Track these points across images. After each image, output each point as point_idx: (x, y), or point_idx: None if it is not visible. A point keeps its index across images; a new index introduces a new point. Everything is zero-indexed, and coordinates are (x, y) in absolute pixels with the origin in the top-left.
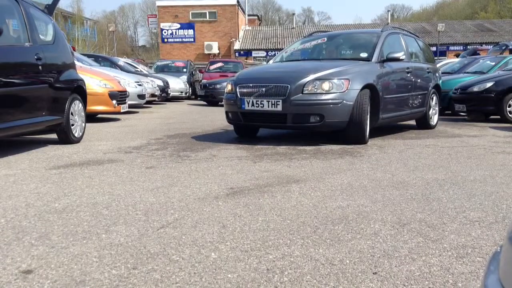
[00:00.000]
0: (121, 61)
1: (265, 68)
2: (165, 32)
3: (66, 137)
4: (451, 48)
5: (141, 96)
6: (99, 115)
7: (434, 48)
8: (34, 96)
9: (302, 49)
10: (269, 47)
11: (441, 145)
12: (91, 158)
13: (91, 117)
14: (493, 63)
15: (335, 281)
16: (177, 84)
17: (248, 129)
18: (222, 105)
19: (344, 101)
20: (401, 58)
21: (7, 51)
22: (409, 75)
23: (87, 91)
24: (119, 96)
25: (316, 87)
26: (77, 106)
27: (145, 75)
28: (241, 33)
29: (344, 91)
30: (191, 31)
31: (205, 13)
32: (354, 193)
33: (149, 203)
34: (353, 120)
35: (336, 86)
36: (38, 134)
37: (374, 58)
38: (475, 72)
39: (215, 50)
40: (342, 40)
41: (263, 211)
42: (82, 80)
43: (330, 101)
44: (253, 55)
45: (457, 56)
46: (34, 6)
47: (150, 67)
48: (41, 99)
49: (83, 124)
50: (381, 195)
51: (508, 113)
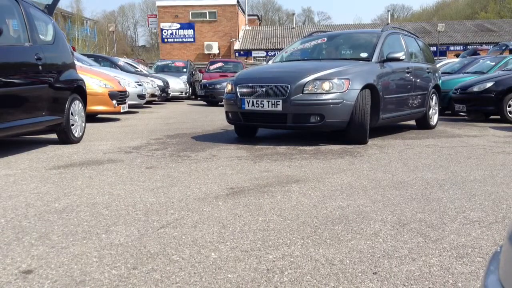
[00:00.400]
0: (121, 61)
1: (265, 68)
2: (165, 32)
3: (66, 137)
4: (451, 48)
5: (141, 96)
6: (99, 115)
7: (434, 48)
8: (34, 96)
9: (302, 49)
10: (269, 47)
11: (441, 145)
12: (91, 158)
13: (91, 117)
14: (493, 63)
15: (335, 281)
16: (177, 84)
17: (248, 129)
18: (222, 105)
19: (345, 101)
20: (401, 58)
21: (7, 51)
22: (409, 75)
23: (87, 91)
24: (119, 96)
25: (317, 87)
26: (77, 106)
27: (145, 75)
28: (241, 33)
29: (345, 91)
30: (191, 31)
31: (205, 13)
32: (354, 193)
33: (149, 203)
34: (355, 121)
35: (337, 86)
36: (38, 134)
37: (374, 58)
38: (475, 72)
39: (215, 50)
40: (342, 40)
41: (263, 211)
42: (82, 80)
43: (331, 101)
44: (253, 55)
45: (457, 56)
46: (34, 6)
47: (150, 67)
48: (41, 99)
49: (83, 124)
50: (381, 195)
51: (508, 113)
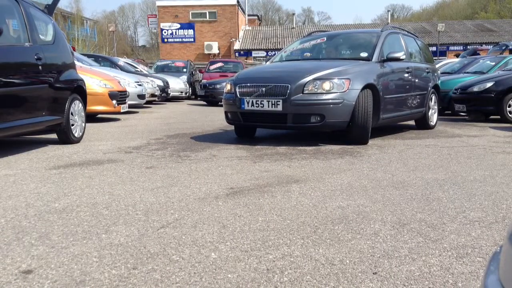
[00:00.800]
0: (121, 61)
1: (265, 68)
2: (165, 32)
3: (66, 137)
4: (451, 48)
5: (141, 96)
6: (99, 115)
7: (434, 48)
8: (34, 96)
9: (302, 49)
10: (269, 47)
11: (441, 145)
12: (91, 158)
13: (91, 117)
14: (493, 63)
15: (335, 281)
16: (177, 84)
17: (248, 129)
18: (222, 105)
19: (345, 101)
20: (402, 58)
21: (7, 51)
22: (409, 75)
23: (87, 91)
24: (119, 96)
25: (317, 87)
26: (77, 106)
27: (145, 75)
28: (241, 33)
29: (345, 91)
30: (191, 31)
31: (205, 13)
32: (354, 193)
33: (149, 203)
34: (357, 121)
35: (337, 86)
36: (38, 134)
37: (375, 58)
38: (475, 72)
39: (215, 50)
40: (342, 40)
41: (263, 211)
42: (82, 80)
43: (331, 101)
44: (253, 55)
45: (457, 56)
46: (34, 6)
47: (150, 67)
48: (41, 99)
49: (83, 124)
50: (381, 195)
51: (508, 113)
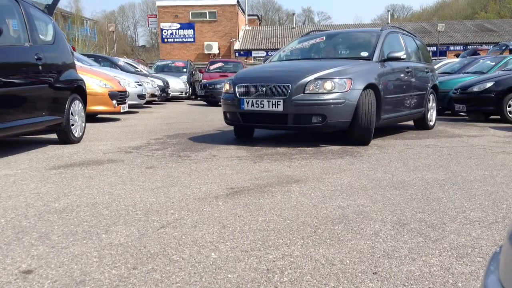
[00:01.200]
0: (121, 61)
1: (265, 68)
2: (165, 32)
3: (66, 137)
4: (451, 48)
5: (141, 96)
6: (99, 115)
7: (434, 48)
8: (34, 96)
9: (301, 48)
10: (269, 47)
11: (441, 145)
12: (91, 158)
13: (91, 117)
14: (493, 63)
15: (335, 281)
16: (177, 84)
17: (247, 130)
18: None
19: (347, 101)
20: (402, 58)
21: (7, 51)
22: (409, 75)
23: (87, 91)
24: (119, 96)
25: (318, 87)
26: (77, 106)
27: (145, 75)
28: (241, 33)
29: (347, 91)
30: (191, 31)
31: (205, 13)
32: (354, 193)
33: (149, 203)
34: (359, 121)
35: (339, 86)
36: (38, 134)
37: (375, 57)
38: (475, 72)
39: (215, 50)
40: (341, 39)
41: (263, 211)
42: (82, 80)
43: (333, 101)
44: (253, 55)
45: (457, 56)
46: (34, 6)
47: (150, 67)
48: (41, 99)
49: (83, 124)
50: (381, 195)
51: (508, 113)
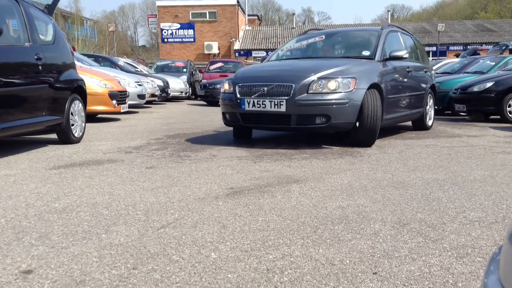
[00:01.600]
0: (121, 61)
1: (265, 67)
2: (165, 32)
3: (66, 137)
4: (451, 48)
5: (141, 96)
6: (99, 115)
7: (434, 48)
8: (34, 96)
9: (300, 47)
10: (269, 47)
11: (441, 145)
12: (91, 158)
13: (91, 117)
14: (493, 63)
15: (335, 281)
16: (177, 84)
17: (246, 131)
18: None
19: (351, 101)
20: (405, 57)
21: (7, 51)
22: (409, 75)
23: (87, 91)
24: (119, 96)
25: (322, 86)
26: (77, 106)
27: (145, 75)
28: (241, 33)
29: (351, 91)
30: (191, 31)
31: (205, 13)
32: (354, 193)
33: (149, 203)
34: (365, 123)
35: (343, 85)
36: (38, 134)
37: (377, 57)
38: (475, 72)
39: (215, 50)
40: (341, 38)
41: (263, 211)
42: (82, 80)
43: (337, 101)
44: (253, 55)
45: (457, 56)
46: (34, 6)
47: (150, 67)
48: (41, 99)
49: (83, 124)
50: (381, 195)
51: (508, 113)
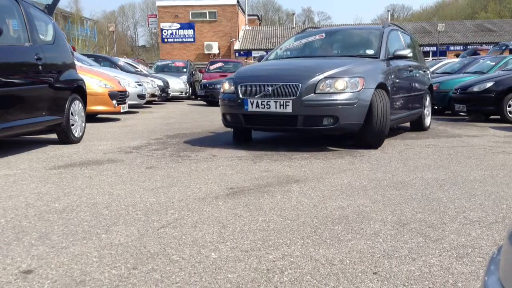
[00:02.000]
0: (121, 61)
1: (268, 66)
2: (165, 32)
3: (66, 137)
4: (451, 48)
5: (141, 96)
6: (99, 115)
7: (434, 48)
8: (34, 96)
9: (300, 46)
10: (269, 47)
11: (441, 145)
12: (91, 158)
13: (91, 117)
14: (493, 63)
15: (335, 281)
16: (177, 84)
17: (246, 133)
18: None
19: (360, 102)
20: (409, 56)
21: (7, 51)
22: (411, 74)
23: (87, 91)
24: (119, 96)
25: (329, 86)
26: (77, 106)
27: (145, 75)
28: (241, 33)
29: (360, 90)
30: (191, 31)
31: (205, 13)
32: (354, 193)
33: (149, 203)
34: (374, 124)
35: (351, 85)
36: (38, 134)
37: (382, 55)
38: (475, 72)
39: (215, 50)
40: (342, 37)
41: (263, 211)
42: (82, 80)
43: (345, 102)
44: (253, 55)
45: (457, 56)
46: (34, 6)
47: (150, 67)
48: (41, 99)
49: (83, 124)
50: (381, 195)
51: (508, 113)
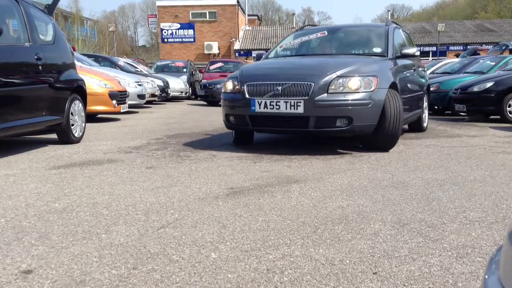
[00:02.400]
0: (121, 61)
1: (275, 64)
2: (165, 32)
3: (66, 137)
4: (451, 48)
5: (141, 96)
6: (99, 115)
7: (434, 48)
8: (34, 96)
9: (301, 44)
10: (269, 47)
11: (441, 145)
12: (91, 158)
13: (91, 117)
14: (493, 63)
15: (335, 281)
16: (177, 84)
17: (247, 135)
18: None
19: (374, 102)
20: (416, 55)
21: (7, 51)
22: (414, 73)
23: (87, 91)
24: (119, 96)
25: (343, 86)
26: (77, 106)
27: (145, 75)
28: (241, 33)
29: (374, 90)
30: (191, 31)
31: (205, 13)
32: (354, 193)
33: (149, 203)
34: (387, 125)
35: (365, 85)
36: (38, 134)
37: (390, 54)
38: (475, 72)
39: (215, 50)
40: (345, 34)
41: (263, 211)
42: (82, 80)
43: (359, 102)
44: (253, 55)
45: (457, 56)
46: (34, 6)
47: (150, 67)
48: (41, 99)
49: (83, 124)
50: (381, 195)
51: (508, 113)
